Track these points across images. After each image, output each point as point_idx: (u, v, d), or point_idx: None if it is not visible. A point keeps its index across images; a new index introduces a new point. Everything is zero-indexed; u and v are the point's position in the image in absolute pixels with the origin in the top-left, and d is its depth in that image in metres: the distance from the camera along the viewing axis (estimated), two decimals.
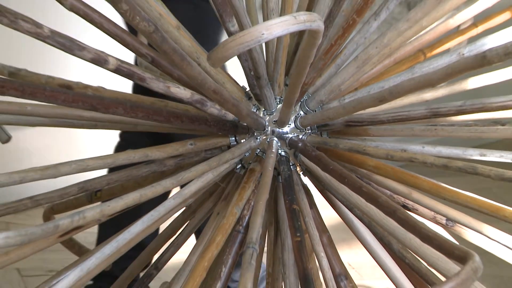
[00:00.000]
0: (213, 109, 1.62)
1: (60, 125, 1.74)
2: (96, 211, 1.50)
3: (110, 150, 2.34)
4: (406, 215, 1.55)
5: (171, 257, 1.81)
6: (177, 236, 1.80)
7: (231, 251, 1.61)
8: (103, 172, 1.89)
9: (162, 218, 1.63)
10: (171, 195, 1.83)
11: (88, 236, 1.88)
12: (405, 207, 1.65)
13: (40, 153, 2.04)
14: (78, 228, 1.56)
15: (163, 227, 1.91)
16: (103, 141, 2.95)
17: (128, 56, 1.65)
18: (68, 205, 1.75)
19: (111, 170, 2.03)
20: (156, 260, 1.80)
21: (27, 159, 1.99)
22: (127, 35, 1.58)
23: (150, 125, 1.74)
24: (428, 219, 1.66)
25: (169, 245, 1.80)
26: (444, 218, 1.66)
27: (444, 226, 1.66)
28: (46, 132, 2.09)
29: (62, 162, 1.67)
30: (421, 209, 1.67)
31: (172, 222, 1.83)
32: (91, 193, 1.71)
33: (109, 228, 2.30)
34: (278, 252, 1.68)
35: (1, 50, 2.09)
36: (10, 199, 1.74)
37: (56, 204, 1.78)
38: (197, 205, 1.75)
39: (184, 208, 1.79)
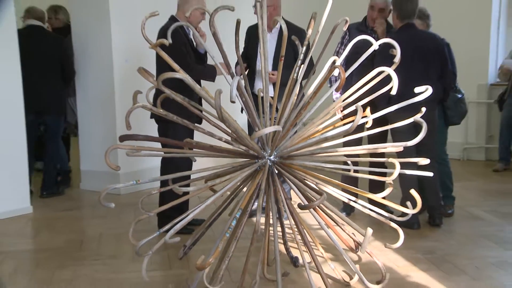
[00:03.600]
0: (252, 152, 1.86)
1: (207, 156, 1.95)
2: (217, 180, 1.79)
3: (208, 164, 2.20)
4: (306, 182, 1.86)
5: (238, 194, 1.96)
6: (240, 188, 1.96)
7: (256, 191, 1.84)
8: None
9: (236, 183, 1.83)
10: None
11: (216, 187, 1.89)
12: (305, 179, 1.90)
13: (201, 165, 2.04)
14: (214, 185, 1.82)
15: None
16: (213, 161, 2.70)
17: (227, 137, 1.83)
18: (210, 178, 1.86)
19: None
20: (234, 195, 1.97)
21: (198, 166, 2.02)
22: (229, 134, 1.73)
23: (231, 156, 1.89)
24: (312, 183, 1.90)
25: (238, 190, 1.97)
26: (315, 183, 1.92)
27: (316, 185, 1.91)
28: (202, 158, 1.99)
29: (205, 168, 1.93)
30: (309, 180, 1.92)
31: (238, 185, 1.94)
32: (216, 174, 1.88)
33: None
34: (269, 193, 1.88)
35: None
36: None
37: (207, 177, 1.87)
38: (246, 178, 1.90)
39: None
